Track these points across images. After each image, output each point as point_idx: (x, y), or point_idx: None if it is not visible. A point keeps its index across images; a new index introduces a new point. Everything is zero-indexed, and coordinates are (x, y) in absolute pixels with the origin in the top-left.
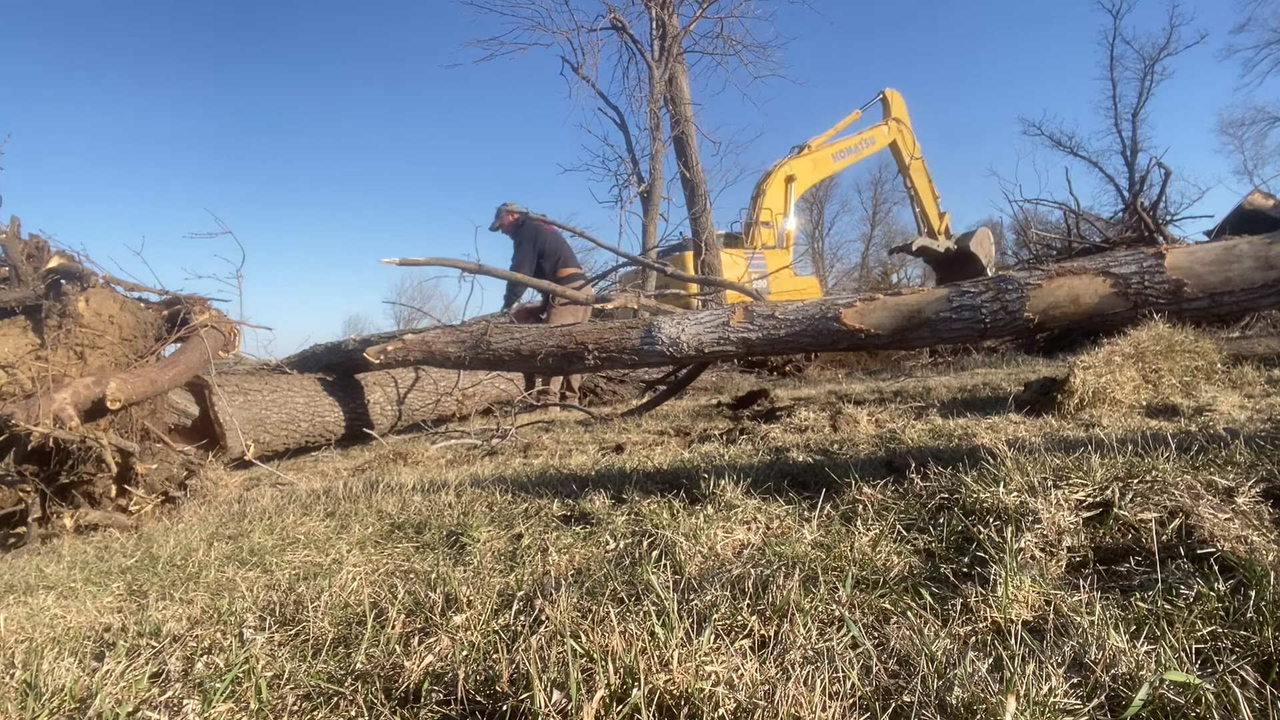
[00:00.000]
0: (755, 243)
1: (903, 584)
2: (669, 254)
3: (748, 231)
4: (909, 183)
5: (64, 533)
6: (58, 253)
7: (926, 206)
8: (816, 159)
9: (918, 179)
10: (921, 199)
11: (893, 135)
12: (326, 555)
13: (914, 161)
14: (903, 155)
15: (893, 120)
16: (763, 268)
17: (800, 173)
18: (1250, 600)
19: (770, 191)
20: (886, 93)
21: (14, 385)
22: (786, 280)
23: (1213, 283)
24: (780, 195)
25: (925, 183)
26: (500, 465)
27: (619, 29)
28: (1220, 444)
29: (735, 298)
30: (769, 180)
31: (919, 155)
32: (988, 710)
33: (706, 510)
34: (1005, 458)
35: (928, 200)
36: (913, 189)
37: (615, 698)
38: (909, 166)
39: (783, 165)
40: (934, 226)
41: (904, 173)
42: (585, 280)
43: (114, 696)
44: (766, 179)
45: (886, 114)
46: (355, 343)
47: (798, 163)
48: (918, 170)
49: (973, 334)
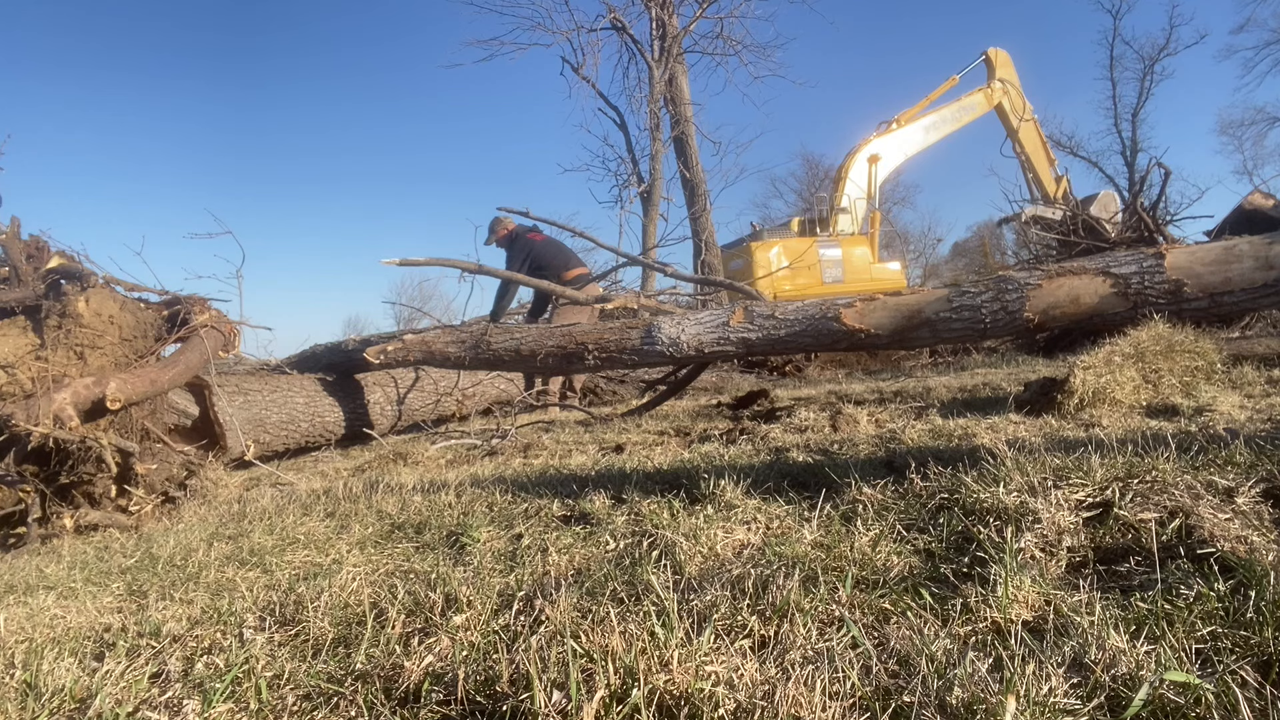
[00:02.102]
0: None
1: (903, 584)
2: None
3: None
4: (1018, 147)
5: (64, 533)
6: (58, 253)
7: (1040, 171)
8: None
9: (1029, 142)
10: (1034, 163)
11: (998, 97)
12: (326, 555)
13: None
14: (1010, 118)
15: (997, 81)
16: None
17: (886, 151)
18: (1250, 600)
19: (851, 174)
20: (990, 52)
21: (14, 385)
22: (866, 271)
23: (1213, 283)
24: (864, 177)
25: (1038, 145)
26: (500, 465)
27: (619, 29)
28: (1220, 444)
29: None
30: (850, 161)
31: (1030, 116)
32: (988, 710)
33: (706, 510)
34: (1005, 458)
35: (1041, 165)
36: (1023, 154)
37: (615, 698)
38: (1018, 130)
39: (865, 144)
40: (1049, 193)
41: (1013, 137)
42: (590, 278)
43: (114, 696)
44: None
45: (990, 75)
46: (355, 343)
47: (883, 140)
48: (1029, 132)
49: (973, 334)
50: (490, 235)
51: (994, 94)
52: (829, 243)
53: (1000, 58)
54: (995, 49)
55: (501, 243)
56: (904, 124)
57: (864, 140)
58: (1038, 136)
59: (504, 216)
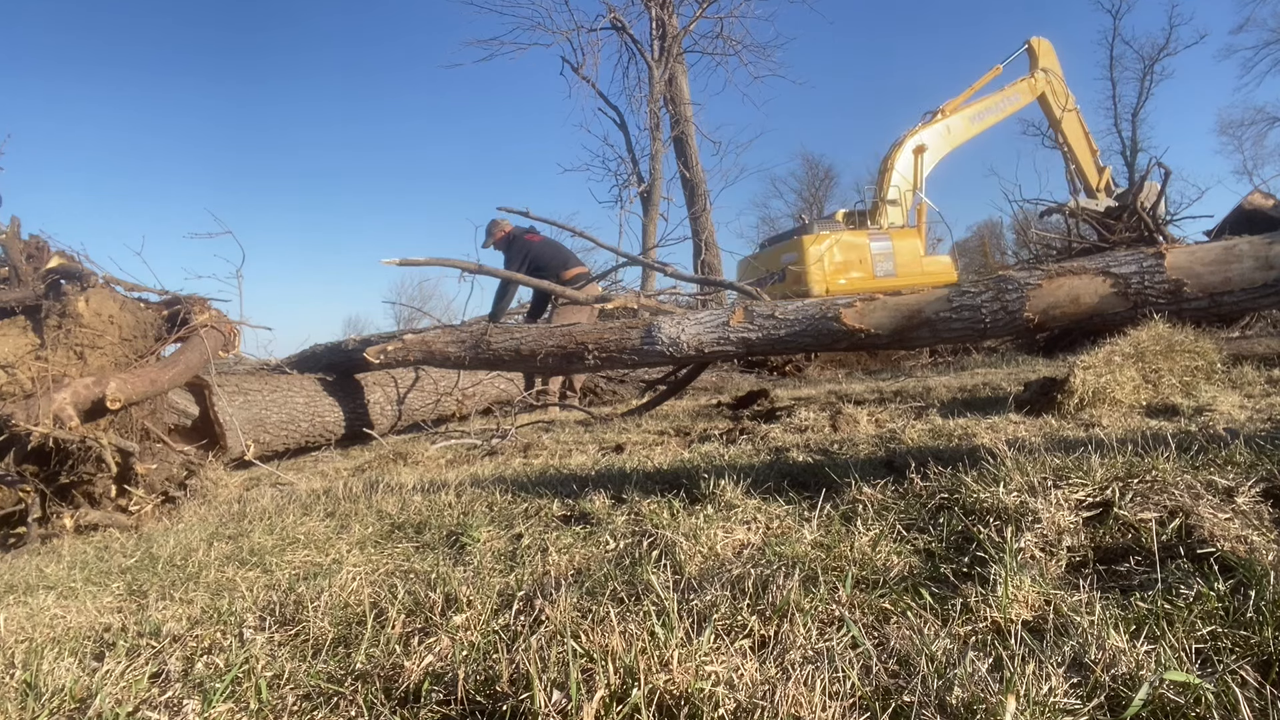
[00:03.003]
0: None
1: (903, 584)
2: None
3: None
4: (1061, 138)
5: (64, 533)
6: (57, 253)
7: (1083, 163)
8: (951, 125)
9: (1071, 133)
10: (1077, 155)
11: (1041, 87)
12: (326, 555)
13: (1067, 114)
14: (1053, 108)
15: (1040, 71)
16: (888, 250)
17: (932, 141)
18: (1250, 600)
19: (897, 165)
20: (1032, 41)
21: (14, 385)
22: (916, 263)
23: (1213, 283)
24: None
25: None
26: (500, 465)
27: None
28: (1220, 444)
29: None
30: (896, 152)
31: (1073, 107)
32: (988, 710)
33: (706, 510)
34: (1005, 458)
35: (1084, 156)
36: (1066, 145)
37: (615, 698)
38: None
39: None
40: (1092, 184)
41: (1055, 128)
42: (590, 278)
43: (114, 696)
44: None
45: (1033, 65)
46: (355, 343)
47: (929, 131)
48: (1071, 123)
49: (973, 334)
50: (488, 238)
51: (1037, 84)
52: (879, 235)
53: (1043, 47)
54: (1038, 38)
55: (499, 245)
56: (949, 114)
57: (909, 131)
58: (1080, 127)
59: (501, 218)
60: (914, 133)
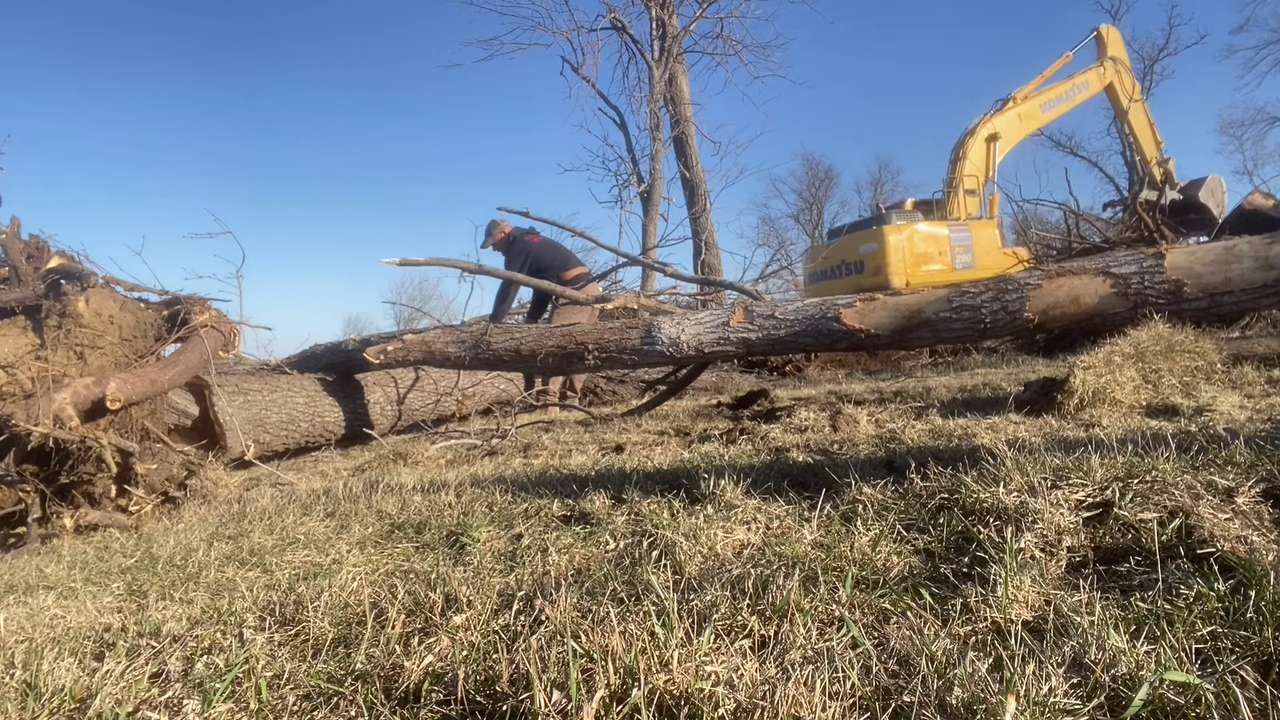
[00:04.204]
0: (958, 213)
1: (903, 584)
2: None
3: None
4: (1127, 128)
5: (64, 533)
6: (57, 253)
7: (1148, 153)
8: (1023, 112)
9: (1137, 124)
10: (1142, 146)
11: (1109, 77)
12: (326, 555)
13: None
14: (1121, 98)
15: (1109, 60)
16: (966, 241)
17: (1005, 129)
18: (1250, 600)
19: (971, 154)
20: (1101, 29)
21: (14, 385)
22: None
23: (1213, 283)
24: (983, 157)
25: (1146, 127)
26: (500, 465)
27: (619, 29)
28: (1220, 444)
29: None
30: (970, 141)
31: (1139, 97)
32: (988, 710)
33: (706, 510)
34: (1005, 458)
35: (1149, 146)
36: (1131, 135)
37: (615, 698)
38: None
39: (985, 123)
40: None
41: (1121, 118)
42: (590, 278)
43: (114, 696)
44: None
45: (1101, 53)
46: (355, 343)
47: (1001, 119)
48: (1137, 113)
49: (973, 334)
50: (487, 238)
51: (1106, 72)
52: (958, 226)
53: (1111, 35)
54: (1106, 26)
55: (499, 246)
56: (1020, 102)
57: (981, 119)
58: (1146, 118)
59: (501, 219)
60: (987, 121)
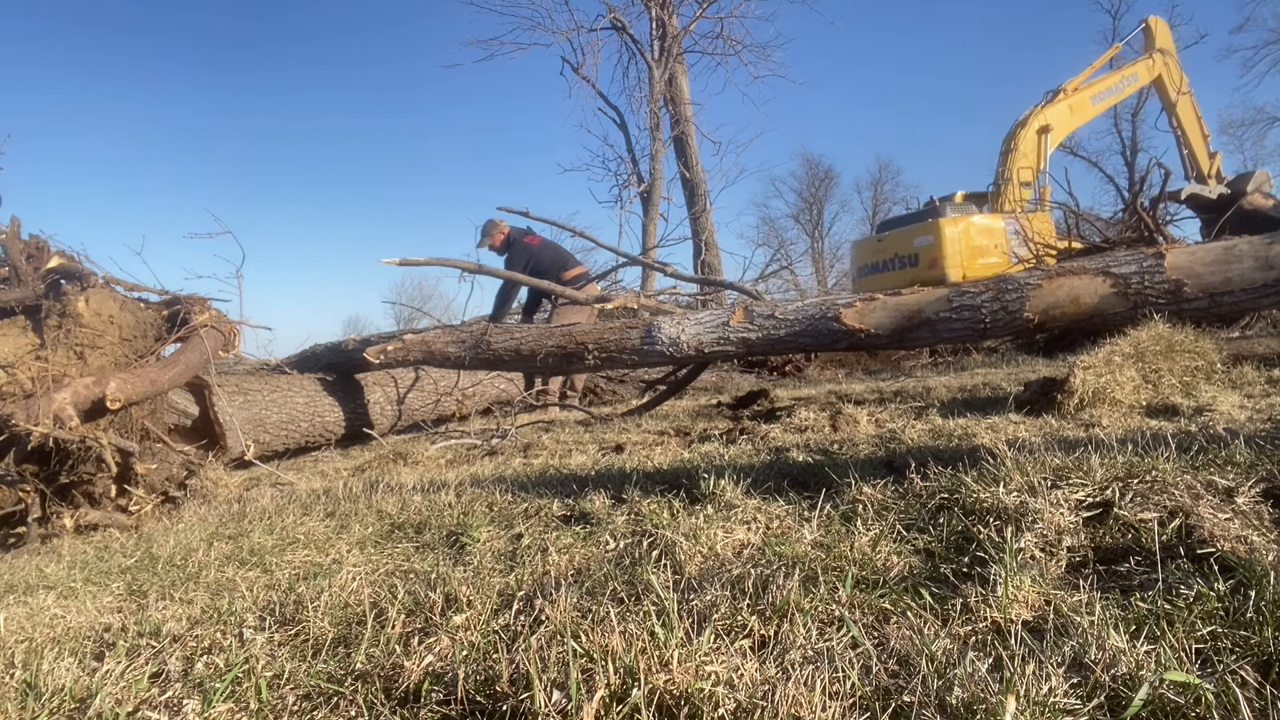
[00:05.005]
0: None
1: (903, 584)
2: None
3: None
4: (1175, 121)
5: (64, 533)
6: (57, 253)
7: (1195, 147)
8: (1074, 104)
9: (1185, 116)
10: (1190, 139)
11: (1158, 69)
12: (326, 555)
13: (1181, 97)
14: (1169, 90)
15: (1157, 52)
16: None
17: (1056, 121)
18: (1250, 600)
19: (1023, 146)
20: (1150, 21)
21: (14, 385)
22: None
23: (1213, 283)
24: (1034, 150)
25: (1194, 120)
26: (500, 465)
27: (619, 29)
28: (1220, 444)
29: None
30: (1021, 133)
31: (1187, 89)
32: (988, 710)
33: (706, 510)
34: (1005, 458)
35: (1196, 140)
36: (1179, 128)
37: (615, 698)
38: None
39: (1036, 114)
40: (1203, 170)
41: (1169, 111)
42: (590, 278)
43: (114, 696)
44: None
45: (1150, 45)
46: (355, 343)
47: (1053, 110)
48: (1185, 106)
49: (973, 334)
50: (484, 238)
51: (1155, 64)
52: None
53: (1160, 28)
54: (1155, 18)
55: (499, 247)
56: (1070, 94)
57: (1032, 111)
58: (1194, 111)
59: (499, 219)
60: (1038, 112)
